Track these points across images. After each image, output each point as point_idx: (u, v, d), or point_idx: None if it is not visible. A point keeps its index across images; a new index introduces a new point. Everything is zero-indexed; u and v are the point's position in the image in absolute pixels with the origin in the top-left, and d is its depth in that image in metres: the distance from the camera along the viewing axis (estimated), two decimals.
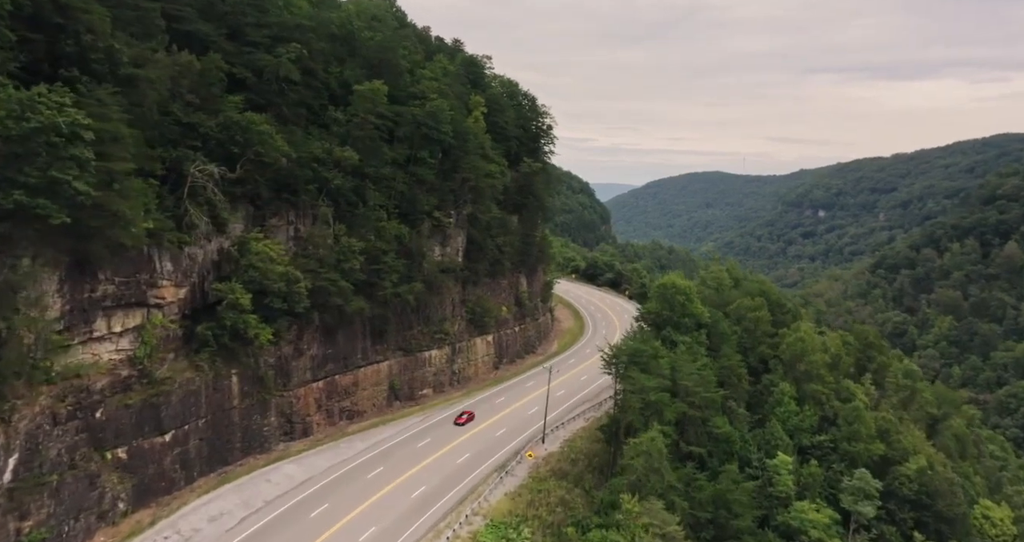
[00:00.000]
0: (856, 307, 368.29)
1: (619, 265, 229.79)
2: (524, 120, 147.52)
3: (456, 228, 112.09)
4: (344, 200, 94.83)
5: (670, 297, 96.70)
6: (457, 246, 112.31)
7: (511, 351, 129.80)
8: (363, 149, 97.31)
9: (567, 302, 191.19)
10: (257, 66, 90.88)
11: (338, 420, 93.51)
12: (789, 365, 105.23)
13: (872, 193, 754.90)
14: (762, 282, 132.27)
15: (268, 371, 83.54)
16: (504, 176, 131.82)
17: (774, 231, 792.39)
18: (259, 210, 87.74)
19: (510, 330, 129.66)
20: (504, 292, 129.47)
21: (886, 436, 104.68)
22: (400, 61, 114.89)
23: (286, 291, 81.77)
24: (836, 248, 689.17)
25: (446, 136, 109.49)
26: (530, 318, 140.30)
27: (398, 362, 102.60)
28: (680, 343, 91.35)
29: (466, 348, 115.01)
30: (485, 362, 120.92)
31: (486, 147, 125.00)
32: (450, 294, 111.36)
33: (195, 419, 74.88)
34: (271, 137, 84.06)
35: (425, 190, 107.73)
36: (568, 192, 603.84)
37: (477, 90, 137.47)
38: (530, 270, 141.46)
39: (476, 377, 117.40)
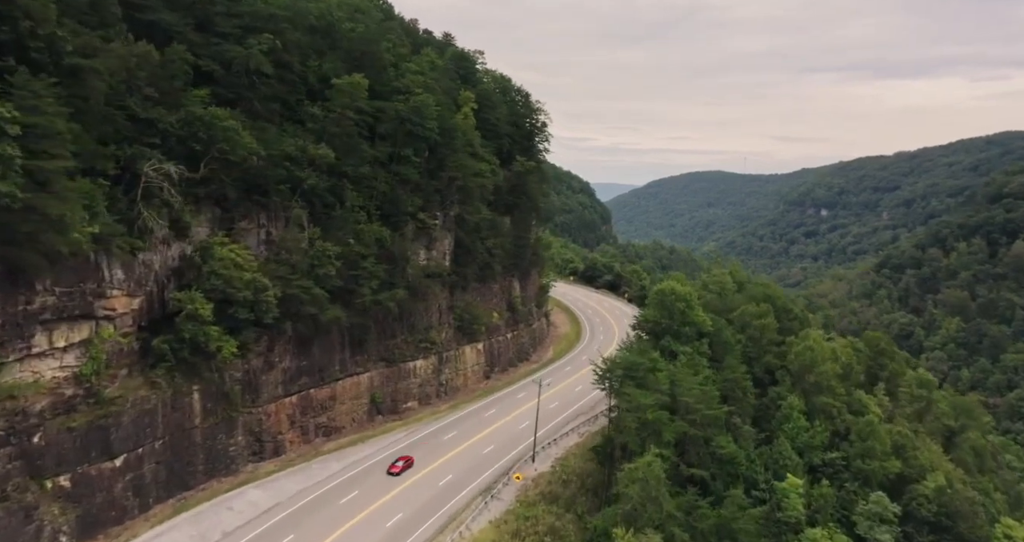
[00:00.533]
0: (861, 308, 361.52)
1: (618, 267, 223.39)
2: (517, 117, 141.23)
3: (443, 230, 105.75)
4: (320, 201, 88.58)
5: (669, 304, 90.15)
6: (444, 249, 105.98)
7: (503, 359, 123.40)
8: (340, 147, 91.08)
9: (564, 306, 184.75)
10: (226, 58, 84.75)
11: (314, 437, 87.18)
12: (797, 376, 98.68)
13: (875, 192, 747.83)
14: (767, 286, 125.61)
15: (234, 386, 77.22)
16: (496, 175, 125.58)
17: (776, 230, 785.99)
18: (227, 212, 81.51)
19: (502, 337, 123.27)
20: (495, 297, 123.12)
21: (902, 452, 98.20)
22: (384, 54, 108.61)
23: (253, 300, 75.51)
24: (839, 247, 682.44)
25: (431, 133, 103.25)
26: (524, 324, 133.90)
27: (380, 373, 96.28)
28: (680, 354, 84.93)
29: (454, 357, 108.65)
30: (475, 372, 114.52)
31: (475, 145, 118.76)
32: (436, 300, 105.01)
33: (151, 441, 68.56)
34: (237, 133, 77.84)
35: (409, 190, 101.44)
36: (568, 192, 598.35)
37: (467, 86, 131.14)
38: (523, 274, 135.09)
39: (465, 388, 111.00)
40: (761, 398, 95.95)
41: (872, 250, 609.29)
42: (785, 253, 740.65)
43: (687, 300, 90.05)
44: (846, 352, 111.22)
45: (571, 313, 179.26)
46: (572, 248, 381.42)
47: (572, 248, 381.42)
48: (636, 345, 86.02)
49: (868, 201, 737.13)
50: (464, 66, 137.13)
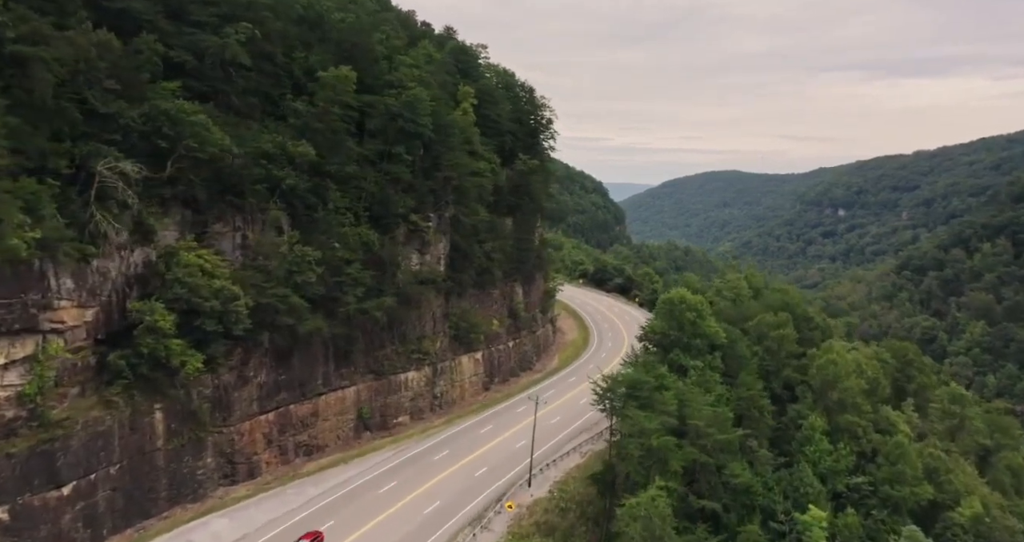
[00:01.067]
0: (882, 311, 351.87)
1: (629, 269, 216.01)
2: (521, 113, 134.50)
3: (437, 233, 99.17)
4: (301, 203, 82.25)
5: (678, 314, 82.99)
6: (438, 253, 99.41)
7: (504, 369, 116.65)
8: (324, 144, 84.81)
9: (572, 310, 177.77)
10: (199, 48, 78.70)
11: (293, 457, 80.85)
12: (819, 393, 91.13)
13: (894, 191, 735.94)
14: (785, 292, 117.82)
15: (203, 404, 70.95)
16: (497, 175, 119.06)
17: (793, 230, 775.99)
18: (199, 215, 75.35)
19: (503, 346, 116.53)
20: (496, 303, 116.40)
21: (934, 476, 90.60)
22: (376, 47, 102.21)
23: (221, 310, 69.21)
24: (857, 248, 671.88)
25: (425, 130, 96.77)
26: (527, 331, 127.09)
27: (368, 387, 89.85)
28: (691, 369, 77.77)
29: (450, 368, 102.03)
30: (473, 383, 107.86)
31: (475, 142, 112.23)
32: (430, 308, 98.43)
33: (105, 466, 62.41)
34: (206, 129, 71.71)
35: (400, 190, 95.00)
36: (581, 192, 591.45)
37: (468, 81, 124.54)
38: (527, 278, 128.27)
39: (462, 401, 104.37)
40: (780, 417, 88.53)
41: (891, 251, 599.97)
42: (802, 253, 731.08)
43: (698, 309, 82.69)
44: (872, 365, 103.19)
45: (579, 318, 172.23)
46: (584, 249, 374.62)
47: (584, 249, 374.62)
48: (641, 359, 78.82)
49: (887, 201, 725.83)
50: (464, 60, 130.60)
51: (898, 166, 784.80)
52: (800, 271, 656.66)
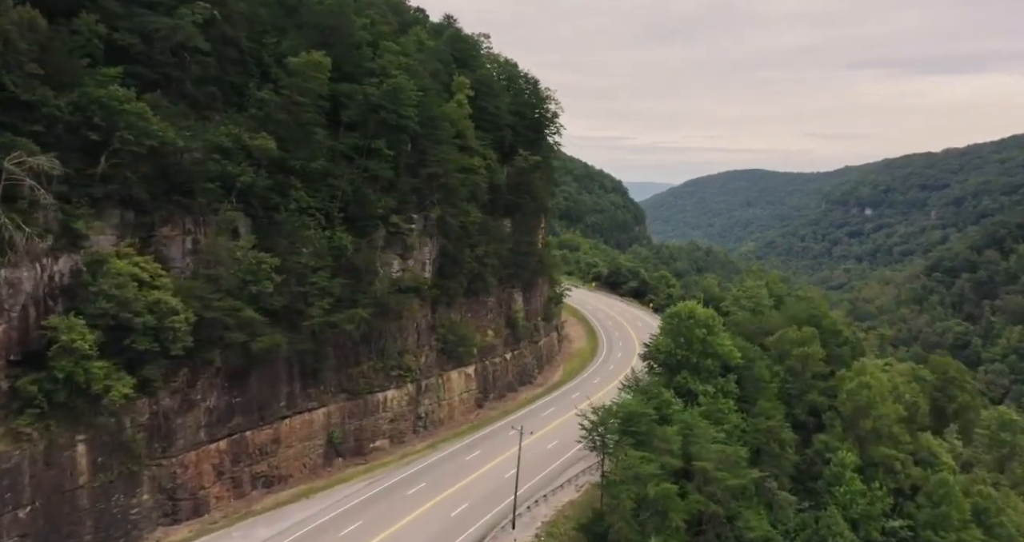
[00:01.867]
0: (911, 315, 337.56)
1: (644, 272, 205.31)
2: (524, 107, 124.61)
3: (422, 236, 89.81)
4: (261, 203, 73.37)
5: (686, 330, 72.62)
6: (423, 258, 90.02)
7: (500, 384, 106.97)
8: (289, 137, 75.87)
9: (581, 316, 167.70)
10: (148, 31, 69.99)
11: (250, 490, 71.79)
12: (850, 421, 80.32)
13: (922, 190, 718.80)
14: (811, 301, 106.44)
15: (136, 434, 62.00)
16: (495, 172, 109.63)
17: (818, 230, 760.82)
18: (144, 216, 66.61)
19: (499, 358, 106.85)
20: (491, 312, 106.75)
21: (984, 517, 79.72)
22: (357, 31, 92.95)
23: (156, 326, 60.31)
24: (885, 248, 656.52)
25: (409, 122, 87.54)
26: (527, 342, 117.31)
27: (340, 408, 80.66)
28: (700, 395, 67.55)
29: (436, 385, 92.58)
30: (464, 401, 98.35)
31: (468, 136, 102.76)
32: (413, 319, 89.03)
33: (11, 509, 53.64)
34: (143, 119, 62.92)
35: (379, 189, 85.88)
36: (600, 191, 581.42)
37: (465, 71, 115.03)
38: (527, 284, 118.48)
39: (450, 421, 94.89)
40: (804, 448, 78.08)
41: (920, 251, 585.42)
42: (828, 254, 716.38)
43: (709, 326, 72.22)
44: (911, 388, 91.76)
45: (588, 324, 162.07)
46: (602, 250, 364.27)
47: (602, 250, 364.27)
48: (642, 384, 68.48)
49: (915, 199, 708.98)
50: (461, 49, 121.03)
51: (927, 164, 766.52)
52: (825, 272, 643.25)
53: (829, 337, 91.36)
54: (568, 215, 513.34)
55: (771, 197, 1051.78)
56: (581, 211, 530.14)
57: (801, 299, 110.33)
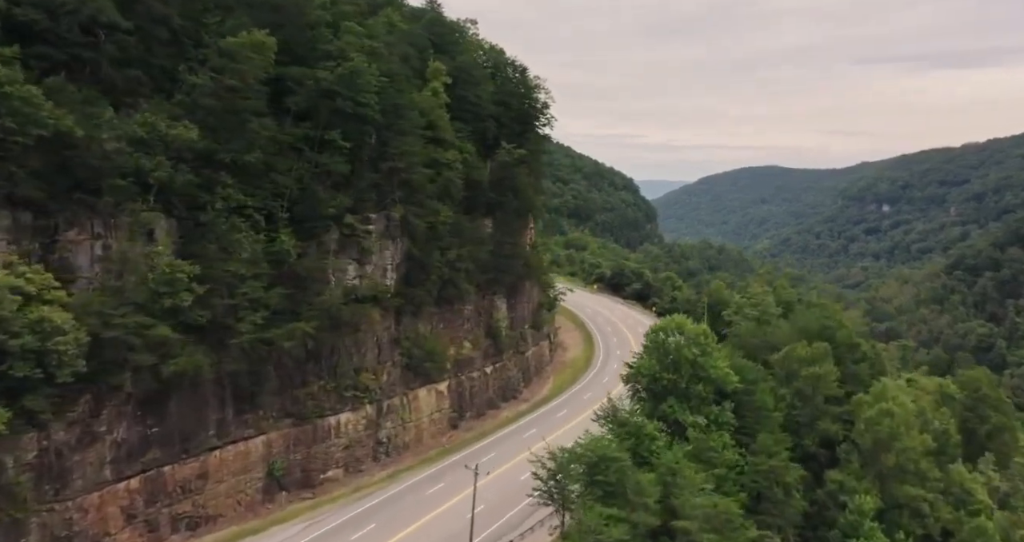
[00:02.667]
0: (931, 315, 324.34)
1: (649, 274, 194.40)
2: (509, 96, 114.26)
3: (383, 238, 79.89)
4: (185, 202, 63.77)
5: (673, 350, 61.75)
6: (384, 264, 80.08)
7: (478, 401, 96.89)
8: (218, 126, 66.21)
9: (579, 322, 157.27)
10: (54, 6, 60.52)
11: (169, 534, 62.11)
12: (870, 455, 69.24)
13: (941, 186, 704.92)
14: (824, 308, 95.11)
15: (20, 475, 52.45)
16: (476, 167, 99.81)
17: (834, 227, 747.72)
18: (44, 218, 57.18)
19: (477, 372, 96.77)
20: (468, 322, 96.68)
21: None
22: (315, 10, 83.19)
23: (38, 349, 50.81)
24: (903, 245, 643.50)
25: (368, 110, 77.75)
26: (512, 352, 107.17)
27: (283, 435, 70.89)
28: (690, 428, 56.91)
29: (401, 405, 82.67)
30: (435, 421, 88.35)
31: (443, 127, 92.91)
32: (372, 332, 79.15)
33: None
34: (31, 105, 53.48)
35: (332, 185, 76.07)
36: (610, 189, 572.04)
37: (444, 57, 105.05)
38: (512, 289, 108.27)
39: (418, 445, 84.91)
40: (814, 489, 67.35)
41: (939, 248, 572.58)
42: (844, 251, 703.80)
43: (702, 344, 61.32)
44: (940, 415, 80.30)
45: (586, 330, 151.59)
46: (611, 249, 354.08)
47: (611, 249, 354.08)
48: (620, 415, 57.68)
49: (934, 196, 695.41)
50: (440, 34, 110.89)
51: (945, 159, 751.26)
52: (842, 270, 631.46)
53: (844, 352, 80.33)
54: (577, 213, 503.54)
55: (787, 194, 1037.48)
56: (590, 209, 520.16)
57: (814, 306, 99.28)
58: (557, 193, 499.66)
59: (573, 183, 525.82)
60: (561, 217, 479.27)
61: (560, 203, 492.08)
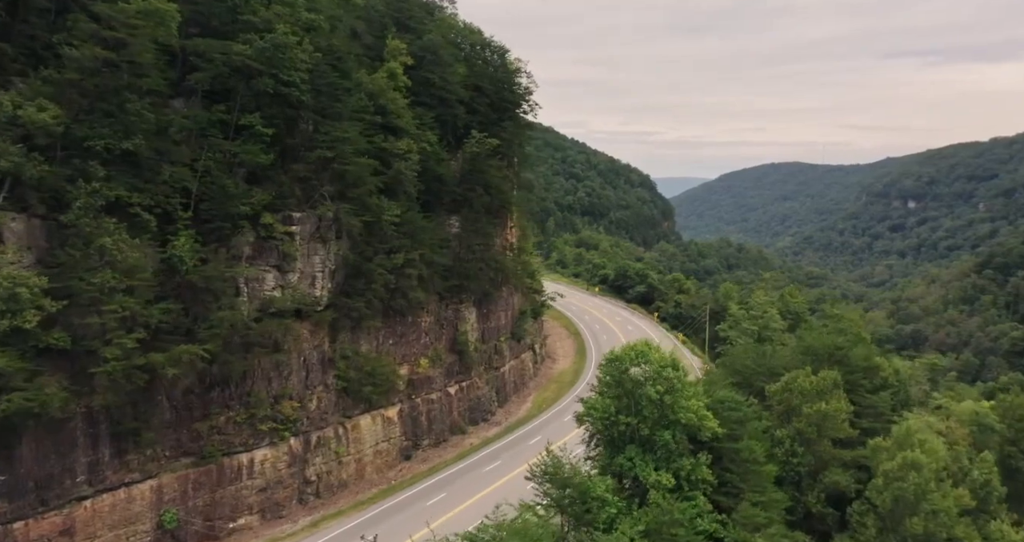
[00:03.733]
0: (960, 317, 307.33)
1: (654, 275, 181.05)
2: (483, 79, 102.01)
3: (311, 241, 67.93)
4: (44, 199, 52.37)
5: (633, 388, 48.22)
6: (312, 271, 68.09)
7: (438, 427, 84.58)
8: (91, 107, 54.75)
9: (575, 329, 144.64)
10: None
11: None
12: (890, 519, 54.89)
13: (969, 181, 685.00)
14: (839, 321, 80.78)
15: None
16: (443, 159, 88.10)
17: (858, 224, 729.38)
18: None
19: (437, 394, 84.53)
20: (427, 335, 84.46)
21: None
22: None
23: None
24: (929, 242, 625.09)
25: (295, 91, 66.09)
26: (483, 368, 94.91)
27: (179, 478, 59.14)
28: (651, 489, 43.79)
29: (336, 437, 70.65)
30: (382, 453, 76.24)
31: (398, 113, 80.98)
32: (299, 351, 67.21)
33: None
34: None
35: (246, 179, 64.32)
36: (625, 186, 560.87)
37: (408, 36, 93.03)
38: (484, 297, 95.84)
39: (359, 481, 72.84)
40: None
41: (968, 245, 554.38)
42: (868, 249, 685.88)
43: (667, 380, 47.59)
44: (984, 465, 65.21)
45: (580, 339, 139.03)
46: (624, 247, 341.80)
47: (624, 247, 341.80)
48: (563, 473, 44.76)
49: (961, 191, 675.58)
50: (402, 9, 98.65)
51: (973, 154, 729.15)
52: (866, 268, 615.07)
53: (861, 377, 66.64)
54: (591, 211, 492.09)
55: (810, 191, 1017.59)
56: (605, 207, 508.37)
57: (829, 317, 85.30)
58: (570, 190, 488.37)
59: (587, 180, 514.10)
60: (574, 215, 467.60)
61: (573, 200, 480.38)
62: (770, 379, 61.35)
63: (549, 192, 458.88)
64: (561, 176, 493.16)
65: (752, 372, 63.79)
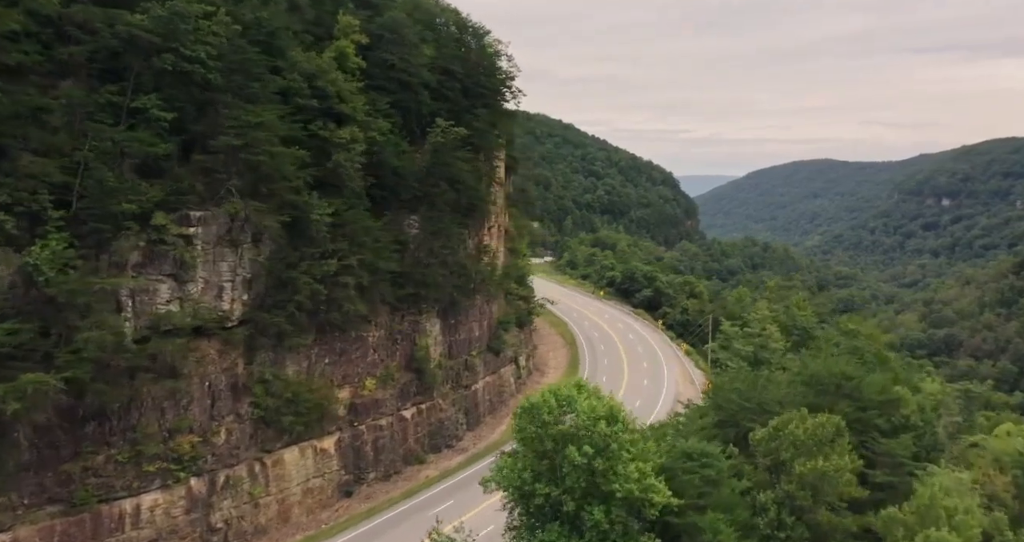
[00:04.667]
0: (998, 321, 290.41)
1: (662, 278, 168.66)
2: (457, 63, 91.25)
3: (218, 246, 57.61)
4: None
5: (555, 449, 36.08)
6: (219, 280, 57.72)
7: (387, 458, 73.70)
8: None
9: (571, 337, 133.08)
10: None
11: None
12: None
13: (1006, 178, 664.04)
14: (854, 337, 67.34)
15: None
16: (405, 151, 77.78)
17: (890, 222, 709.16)
18: None
19: (387, 418, 73.70)
20: (375, 352, 73.66)
21: None
22: None
23: None
24: (964, 241, 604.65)
25: (199, 69, 56.06)
26: (449, 387, 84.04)
27: (43, 530, 49.03)
28: None
29: (251, 475, 60.17)
30: (314, 492, 65.63)
31: (340, 97, 70.57)
32: (203, 375, 56.87)
33: None
34: None
35: (135, 170, 54.21)
36: (647, 184, 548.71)
37: (364, 12, 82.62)
38: (451, 307, 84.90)
39: (284, 526, 62.25)
40: None
41: (1004, 244, 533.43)
42: (900, 248, 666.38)
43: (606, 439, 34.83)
44: None
45: (576, 347, 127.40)
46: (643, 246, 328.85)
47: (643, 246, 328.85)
48: None
49: (998, 188, 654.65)
50: None
51: (1010, 150, 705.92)
52: (897, 267, 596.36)
53: (876, 415, 53.42)
54: (611, 209, 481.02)
55: (840, 188, 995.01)
56: (625, 205, 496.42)
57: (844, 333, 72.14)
58: (589, 188, 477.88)
59: (608, 177, 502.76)
60: (593, 213, 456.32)
61: (592, 199, 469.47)
62: (761, 417, 49.25)
63: (567, 190, 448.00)
64: (580, 174, 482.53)
65: (738, 408, 51.86)
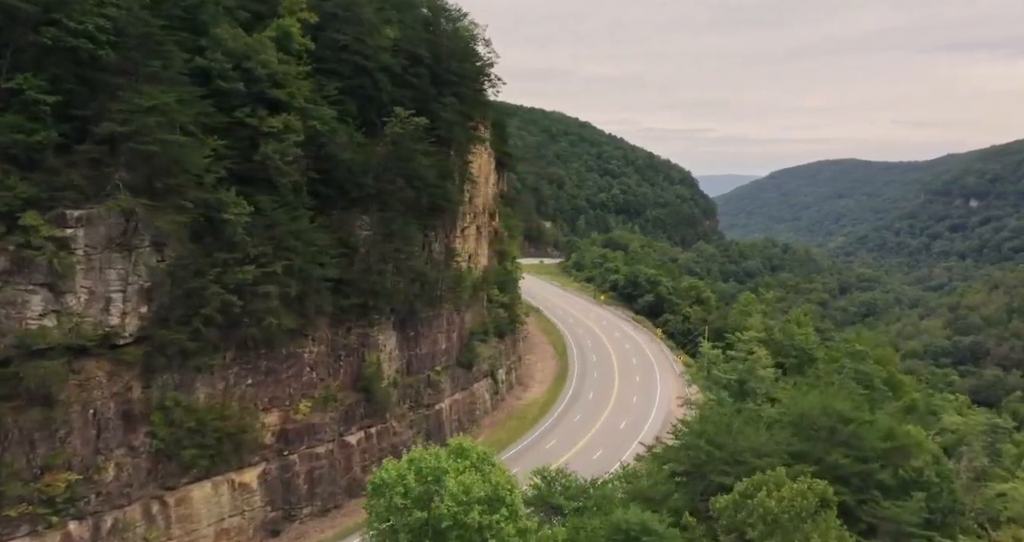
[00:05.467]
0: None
1: (666, 282, 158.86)
2: (424, 47, 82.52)
3: (105, 250, 49.26)
4: None
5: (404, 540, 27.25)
6: (106, 290, 49.38)
7: (325, 491, 64.98)
8: None
9: (562, 347, 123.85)
10: None
11: None
12: None
13: None
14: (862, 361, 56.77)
15: None
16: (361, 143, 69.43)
17: (916, 224, 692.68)
18: None
19: (325, 446, 64.96)
20: (316, 370, 65.05)
21: None
22: None
23: None
24: (993, 244, 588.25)
25: (87, 44, 48.03)
26: (407, 408, 75.28)
27: None
28: None
29: (146, 517, 51.82)
30: (231, 533, 57.20)
31: (279, 79, 62.29)
32: (85, 402, 48.56)
33: None
34: None
35: (10, 163, 46.07)
36: (664, 183, 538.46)
37: None
38: (408, 318, 76.02)
39: None
40: None
41: None
42: (926, 250, 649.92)
43: (480, 532, 25.67)
44: None
45: (566, 359, 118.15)
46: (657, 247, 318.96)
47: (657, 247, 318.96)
48: None
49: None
50: None
51: None
52: (923, 270, 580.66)
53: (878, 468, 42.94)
54: (626, 209, 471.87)
55: (865, 188, 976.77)
56: (641, 205, 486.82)
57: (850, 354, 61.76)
58: (604, 187, 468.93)
59: (624, 176, 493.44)
60: (607, 213, 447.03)
61: (607, 198, 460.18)
62: (734, 468, 39.63)
63: (581, 189, 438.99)
64: (595, 173, 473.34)
65: (707, 457, 42.07)
